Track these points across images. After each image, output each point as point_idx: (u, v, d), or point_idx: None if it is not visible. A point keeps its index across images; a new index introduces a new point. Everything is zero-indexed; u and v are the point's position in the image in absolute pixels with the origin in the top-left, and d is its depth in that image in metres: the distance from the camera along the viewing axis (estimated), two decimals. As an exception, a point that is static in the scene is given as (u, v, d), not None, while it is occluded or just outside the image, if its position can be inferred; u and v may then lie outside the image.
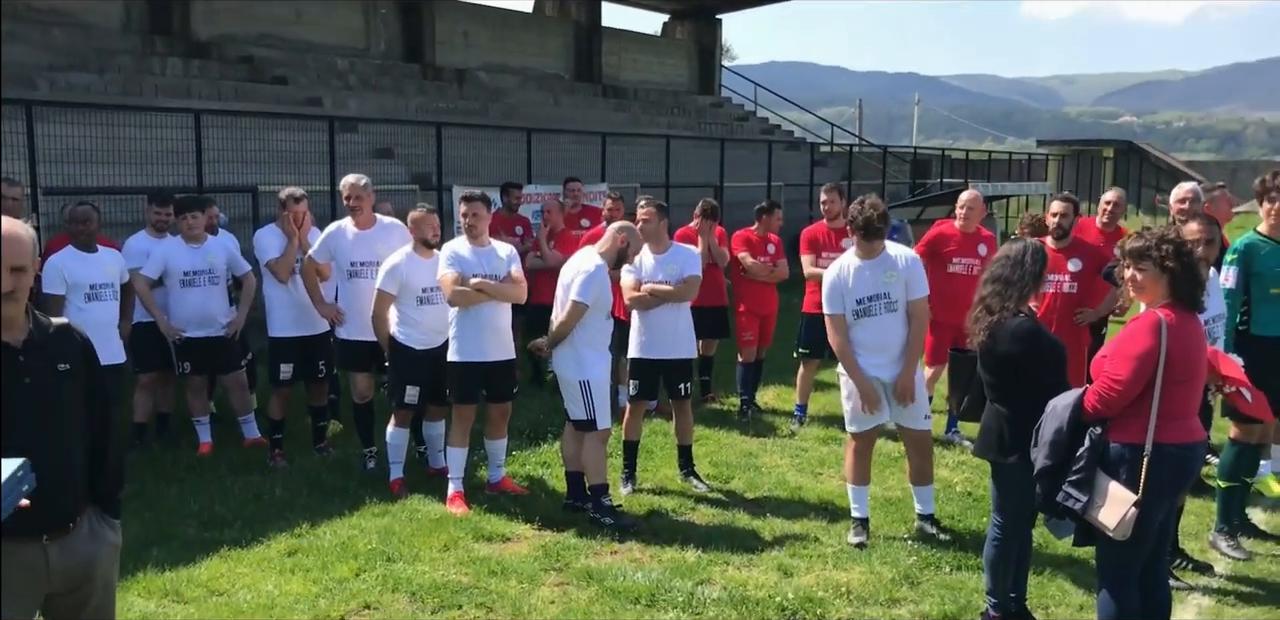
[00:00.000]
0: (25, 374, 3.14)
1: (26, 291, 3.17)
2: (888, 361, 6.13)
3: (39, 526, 3.14)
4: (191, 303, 7.66)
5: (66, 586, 3.25)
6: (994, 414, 4.89)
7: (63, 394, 3.23)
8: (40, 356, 3.19)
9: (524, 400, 8.71)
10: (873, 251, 6.13)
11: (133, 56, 16.75)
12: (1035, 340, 4.76)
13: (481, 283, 6.58)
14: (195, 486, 6.99)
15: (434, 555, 5.91)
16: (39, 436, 3.12)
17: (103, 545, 3.34)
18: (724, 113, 29.84)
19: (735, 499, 7.01)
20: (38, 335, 3.21)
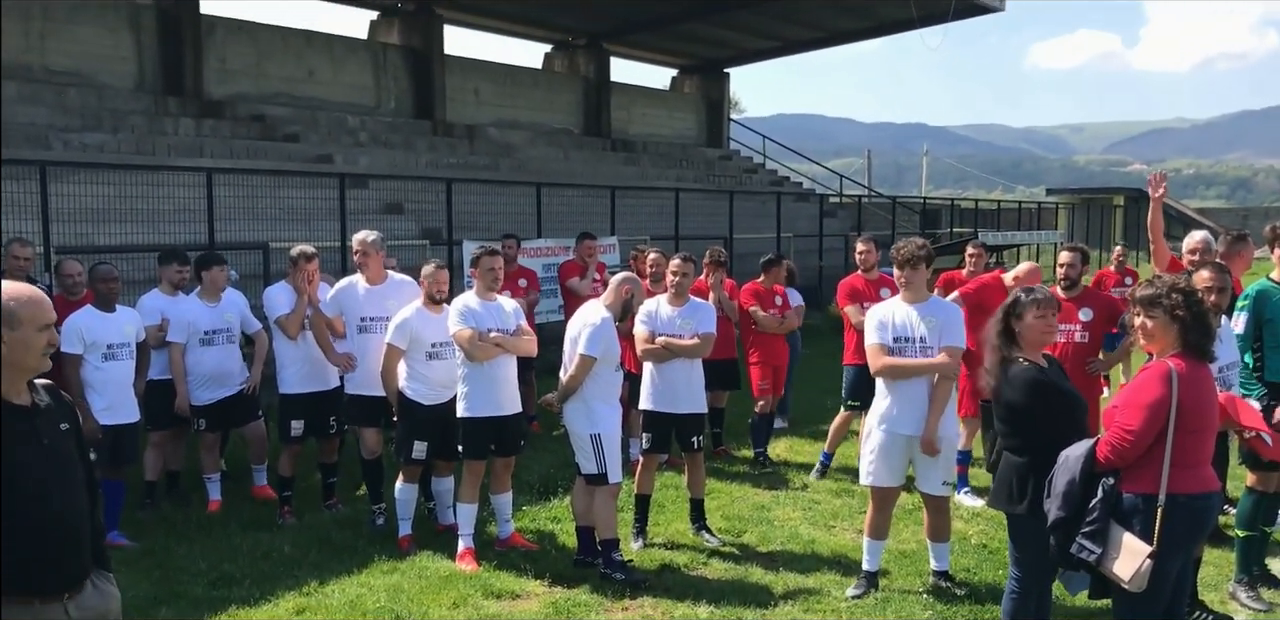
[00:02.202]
0: (43, 436, 3.19)
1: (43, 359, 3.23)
2: (913, 415, 6.00)
3: (61, 586, 3.21)
4: (210, 361, 7.70)
5: None
6: (1006, 463, 4.85)
7: (70, 453, 3.28)
8: (48, 418, 3.24)
9: (534, 454, 8.69)
10: (918, 293, 6.10)
11: (146, 116, 17.00)
12: (1036, 388, 4.73)
13: (500, 338, 6.59)
14: (204, 545, 6.95)
15: (443, 613, 5.84)
16: (62, 497, 3.19)
17: (108, 596, 3.39)
18: (733, 165, 30.07)
19: (748, 553, 6.93)
20: (40, 396, 3.26)
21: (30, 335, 3.15)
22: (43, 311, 3.17)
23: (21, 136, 13.90)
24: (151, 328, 7.64)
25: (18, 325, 3.14)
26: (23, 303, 3.16)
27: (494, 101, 24.94)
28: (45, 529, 3.14)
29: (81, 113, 15.87)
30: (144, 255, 9.89)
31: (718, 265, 9.11)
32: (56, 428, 3.26)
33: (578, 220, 15.51)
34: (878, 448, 6.06)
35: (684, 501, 7.50)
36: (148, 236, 10.55)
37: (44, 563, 3.15)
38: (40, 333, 3.17)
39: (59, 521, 3.16)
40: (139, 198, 10.78)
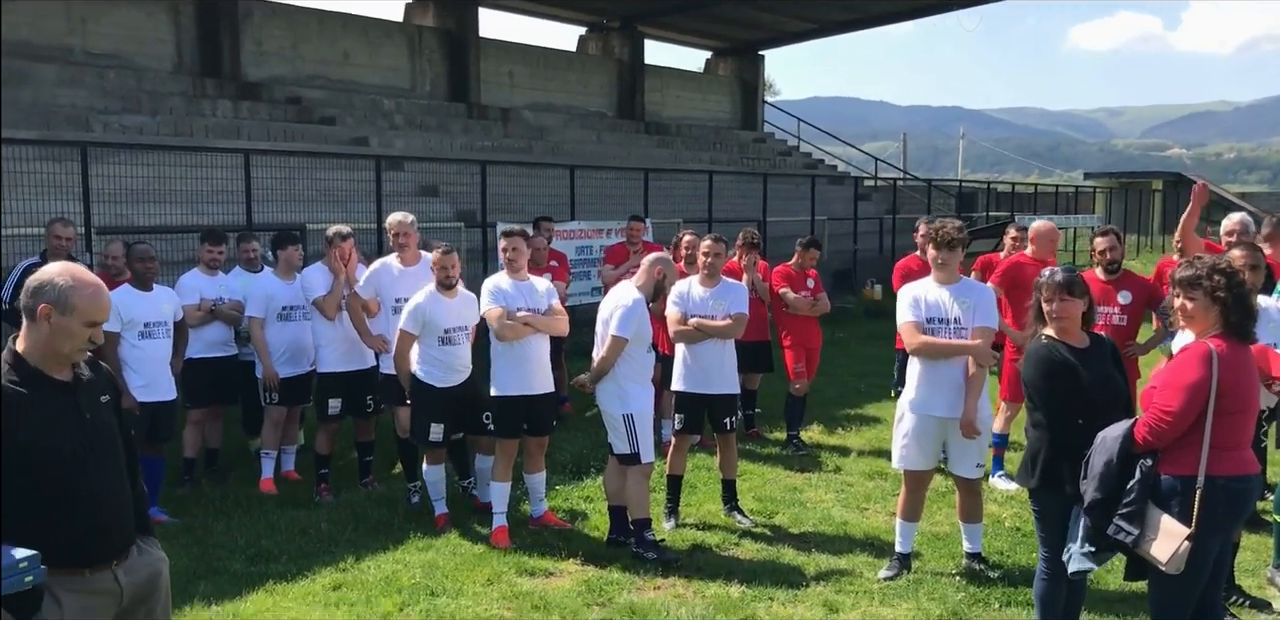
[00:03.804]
0: (85, 410, 3.26)
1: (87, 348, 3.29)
2: (946, 397, 5.97)
3: (109, 554, 3.29)
4: (287, 337, 7.80)
5: (133, 602, 3.39)
6: (1028, 438, 4.86)
7: (112, 425, 3.36)
8: (90, 391, 3.30)
9: (567, 434, 8.73)
10: (951, 275, 6.06)
11: (184, 98, 17.14)
12: (1044, 365, 4.71)
13: (529, 316, 6.62)
14: (243, 521, 7.04)
15: (477, 590, 5.90)
16: (105, 468, 3.27)
17: (155, 560, 3.49)
18: (767, 148, 29.95)
19: (780, 534, 6.94)
20: (81, 370, 3.32)
21: (76, 326, 3.20)
22: (97, 308, 3.22)
23: (63, 118, 14.07)
24: (189, 307, 7.73)
25: (69, 312, 3.18)
26: (81, 293, 3.20)
27: (528, 84, 24.95)
28: (88, 500, 3.22)
29: (121, 95, 16.03)
30: (183, 236, 10.01)
31: (750, 247, 9.10)
32: (97, 400, 3.32)
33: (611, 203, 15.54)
34: (910, 431, 6.04)
35: (716, 482, 7.51)
36: (186, 217, 10.67)
37: (90, 533, 3.23)
38: (86, 327, 3.22)
39: (102, 492, 3.23)
40: (177, 179, 10.92)
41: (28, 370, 3.19)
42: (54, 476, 3.16)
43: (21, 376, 3.17)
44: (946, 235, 5.98)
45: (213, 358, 7.93)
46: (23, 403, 3.13)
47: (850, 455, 8.94)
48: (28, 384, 3.17)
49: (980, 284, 6.36)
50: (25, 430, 3.11)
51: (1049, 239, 8.17)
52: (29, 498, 3.13)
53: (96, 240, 9.37)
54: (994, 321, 6.05)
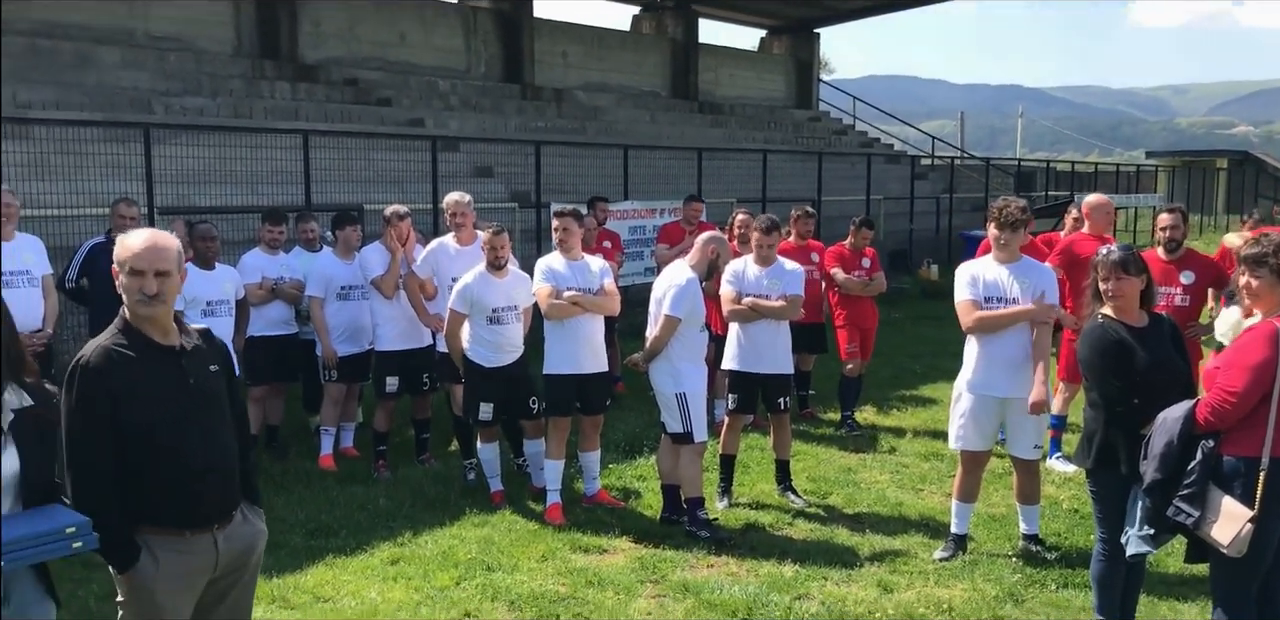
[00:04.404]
0: (190, 375, 3.39)
1: (174, 295, 3.40)
2: (1005, 377, 5.90)
3: (212, 518, 3.41)
4: (345, 316, 7.90)
5: (226, 570, 3.50)
6: (1086, 419, 4.81)
7: (218, 393, 3.48)
8: (197, 359, 3.43)
9: (620, 413, 8.77)
10: (1012, 254, 5.98)
11: (243, 80, 17.33)
12: (1097, 343, 4.66)
13: (576, 296, 6.65)
14: (303, 496, 7.16)
15: (532, 565, 5.96)
16: (207, 434, 3.40)
17: (256, 531, 3.62)
18: (822, 127, 29.69)
19: (833, 514, 6.94)
20: (191, 339, 3.44)
21: (124, 278, 3.33)
22: (134, 258, 3.31)
23: (125, 100, 14.30)
24: (251, 285, 7.86)
25: (121, 267, 3.33)
26: (121, 244, 3.35)
27: (582, 64, 24.93)
28: (192, 465, 3.35)
29: (182, 77, 16.25)
30: (243, 216, 10.15)
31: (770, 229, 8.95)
32: (205, 368, 3.44)
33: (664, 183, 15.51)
34: (967, 411, 5.99)
35: (769, 463, 7.52)
36: (246, 198, 10.81)
37: (190, 496, 3.36)
38: (129, 278, 3.32)
39: (203, 457, 3.36)
40: (237, 160, 11.05)
41: (134, 334, 3.34)
42: (155, 438, 3.30)
43: (129, 340, 3.32)
44: (1010, 215, 5.89)
45: (274, 336, 8.06)
46: (128, 364, 3.28)
47: (905, 436, 8.89)
48: (134, 348, 3.32)
49: (1040, 263, 6.27)
50: (129, 391, 3.26)
51: (1104, 211, 8.04)
52: (133, 458, 3.29)
53: (159, 220, 9.52)
54: (1055, 297, 5.98)
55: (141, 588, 3.34)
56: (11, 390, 3.04)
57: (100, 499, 3.25)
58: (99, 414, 3.24)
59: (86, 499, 3.23)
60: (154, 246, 3.33)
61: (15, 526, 2.93)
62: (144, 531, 3.34)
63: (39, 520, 2.99)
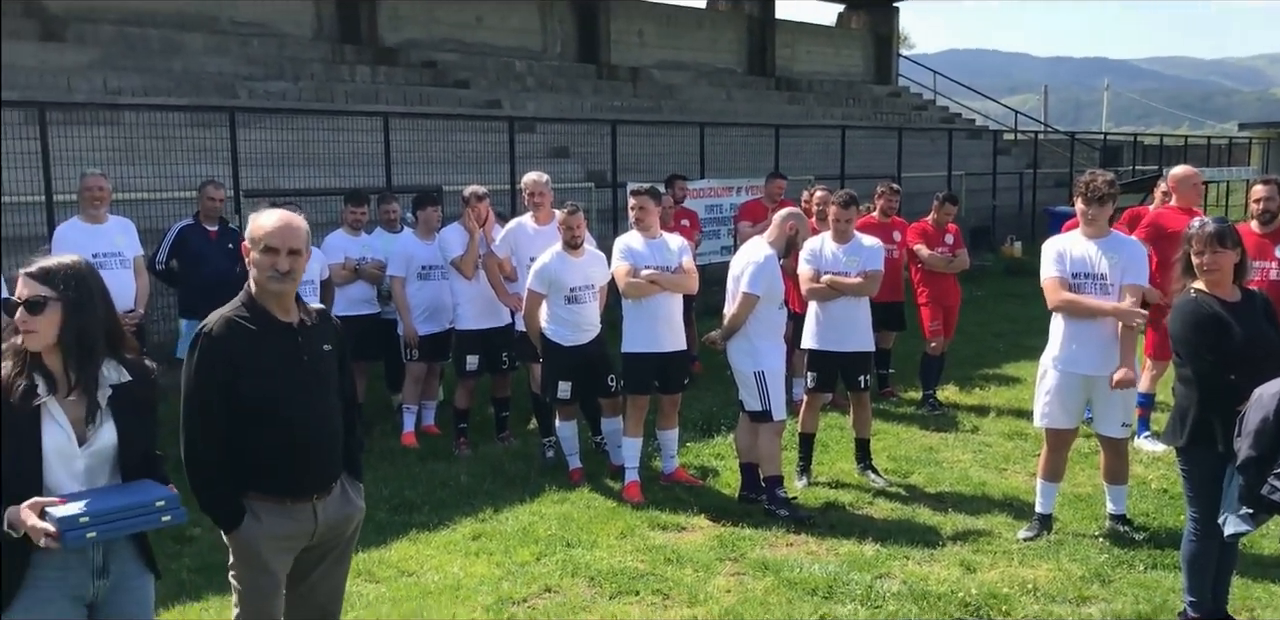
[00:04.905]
0: (304, 352, 3.51)
1: (302, 273, 3.54)
2: (1092, 354, 5.75)
3: (313, 489, 3.55)
4: (426, 295, 8.00)
5: (322, 540, 3.63)
6: (1175, 394, 4.69)
7: (330, 371, 3.61)
8: (313, 336, 3.56)
9: (697, 392, 8.76)
10: (1100, 229, 5.83)
11: (324, 64, 17.57)
12: (1190, 318, 4.54)
13: (654, 274, 6.64)
14: (386, 472, 7.28)
15: (611, 542, 6.00)
16: (315, 408, 3.53)
17: (354, 506, 3.74)
18: (901, 102, 29.25)
19: (915, 494, 6.87)
20: (309, 318, 3.57)
21: (256, 255, 3.46)
22: (269, 236, 3.44)
23: (211, 86, 14.60)
24: (335, 266, 7.99)
25: (254, 245, 3.46)
26: (254, 224, 3.49)
27: (658, 43, 24.83)
28: (300, 437, 3.49)
29: (265, 62, 16.52)
30: (324, 198, 10.31)
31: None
32: (319, 347, 3.58)
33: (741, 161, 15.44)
34: (1053, 388, 5.87)
35: (848, 442, 7.46)
36: (328, 180, 10.97)
37: (294, 466, 3.50)
38: (263, 255, 3.44)
39: (310, 429, 3.50)
40: (319, 142, 11.21)
41: (256, 309, 3.48)
42: (267, 409, 3.44)
43: (251, 314, 3.46)
44: (1096, 189, 5.74)
45: (356, 315, 8.18)
46: (248, 336, 3.42)
47: (988, 415, 8.77)
48: (256, 322, 3.46)
49: (1130, 238, 6.11)
50: (246, 362, 3.41)
51: (1191, 184, 7.81)
52: (244, 427, 3.43)
53: (245, 203, 9.72)
54: (1144, 278, 5.82)
55: (246, 546, 3.51)
56: (110, 366, 3.13)
57: (211, 462, 3.42)
58: (218, 381, 3.40)
59: (198, 461, 3.41)
60: (287, 226, 3.46)
61: (107, 499, 3.03)
62: (249, 497, 3.50)
63: (130, 493, 3.08)
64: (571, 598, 5.28)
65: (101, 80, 13.46)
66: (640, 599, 5.26)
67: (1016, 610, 5.05)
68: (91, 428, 3.07)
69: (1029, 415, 6.35)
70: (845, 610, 5.07)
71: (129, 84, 13.55)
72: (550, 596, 5.32)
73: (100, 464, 3.09)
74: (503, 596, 5.27)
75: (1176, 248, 4.81)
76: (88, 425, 3.07)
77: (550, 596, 5.32)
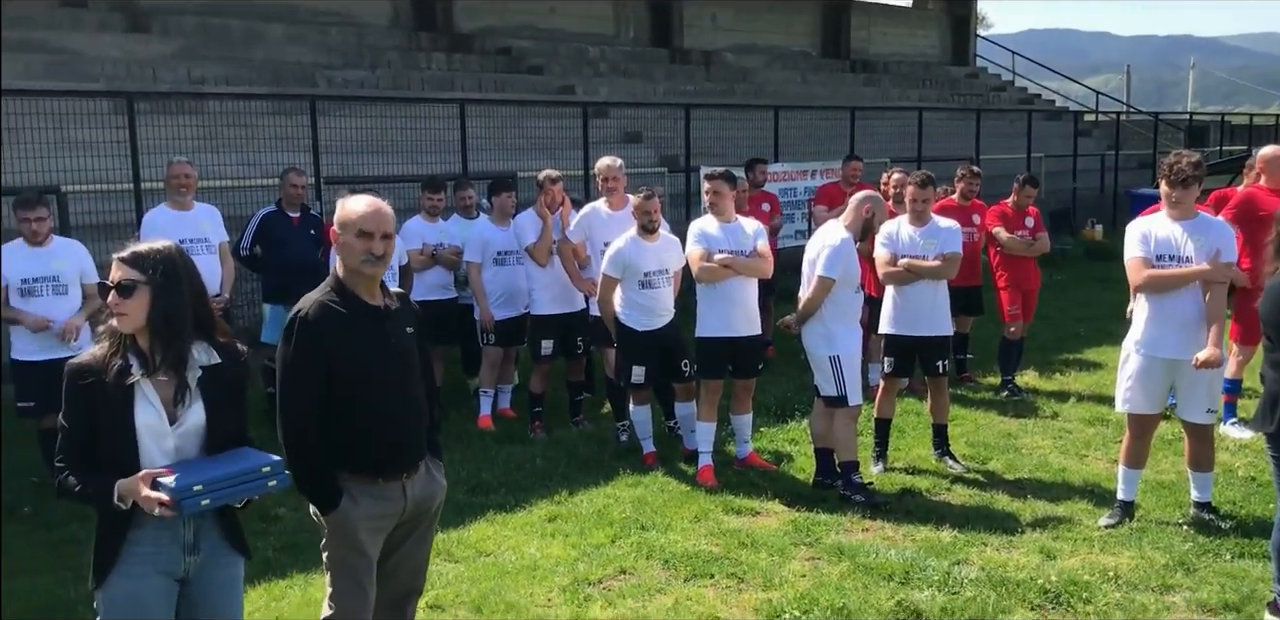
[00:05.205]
0: (391, 335, 3.61)
1: (391, 258, 3.64)
2: (1176, 337, 5.62)
3: (403, 467, 3.65)
4: (502, 281, 8.07)
5: (410, 516, 3.74)
6: (1268, 380, 4.57)
7: (414, 352, 3.70)
8: (397, 319, 3.66)
9: (771, 377, 8.74)
10: (1185, 211, 5.70)
11: (400, 52, 17.76)
12: None
13: (727, 258, 6.63)
14: (463, 455, 7.37)
15: (685, 525, 6.03)
16: (403, 389, 3.62)
17: (437, 484, 3.84)
18: (979, 83, 28.75)
19: (993, 480, 6.79)
20: (391, 302, 3.66)
21: (350, 238, 3.53)
22: (362, 220, 3.52)
23: (290, 75, 14.84)
24: (413, 252, 8.10)
25: (344, 228, 3.55)
26: (349, 208, 3.57)
27: (731, 26, 24.67)
28: (389, 417, 3.58)
29: (343, 51, 16.75)
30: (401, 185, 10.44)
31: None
32: (403, 329, 3.67)
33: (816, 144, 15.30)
34: (1136, 372, 5.76)
35: (925, 427, 7.40)
36: (405, 167, 11.10)
37: (386, 446, 3.60)
38: (357, 239, 3.52)
39: (399, 410, 3.60)
40: (397, 130, 11.35)
41: (346, 293, 3.57)
42: (358, 391, 3.54)
43: (341, 298, 3.55)
44: (1180, 171, 5.59)
45: (433, 301, 8.27)
46: (340, 319, 3.52)
47: (1069, 401, 8.63)
48: (346, 306, 3.55)
49: (1218, 220, 5.95)
50: (339, 345, 3.50)
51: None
52: (336, 408, 3.53)
53: (325, 190, 9.89)
54: (1233, 255, 5.68)
55: (342, 526, 3.60)
56: (200, 348, 3.22)
57: (310, 443, 3.52)
58: (313, 363, 3.50)
59: (297, 442, 3.50)
60: (379, 211, 3.56)
61: (215, 467, 3.13)
62: (343, 478, 3.59)
63: (234, 461, 3.19)
64: (646, 580, 5.31)
65: (185, 70, 13.76)
66: (715, 582, 5.28)
67: (1098, 598, 4.98)
68: (181, 407, 3.16)
69: (1110, 401, 6.24)
70: (922, 596, 5.04)
71: (212, 73, 13.83)
72: (625, 578, 5.36)
73: (189, 443, 3.18)
74: (578, 577, 5.33)
75: (1266, 230, 4.69)
76: (177, 405, 3.16)
77: (625, 578, 5.36)
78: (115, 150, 9.02)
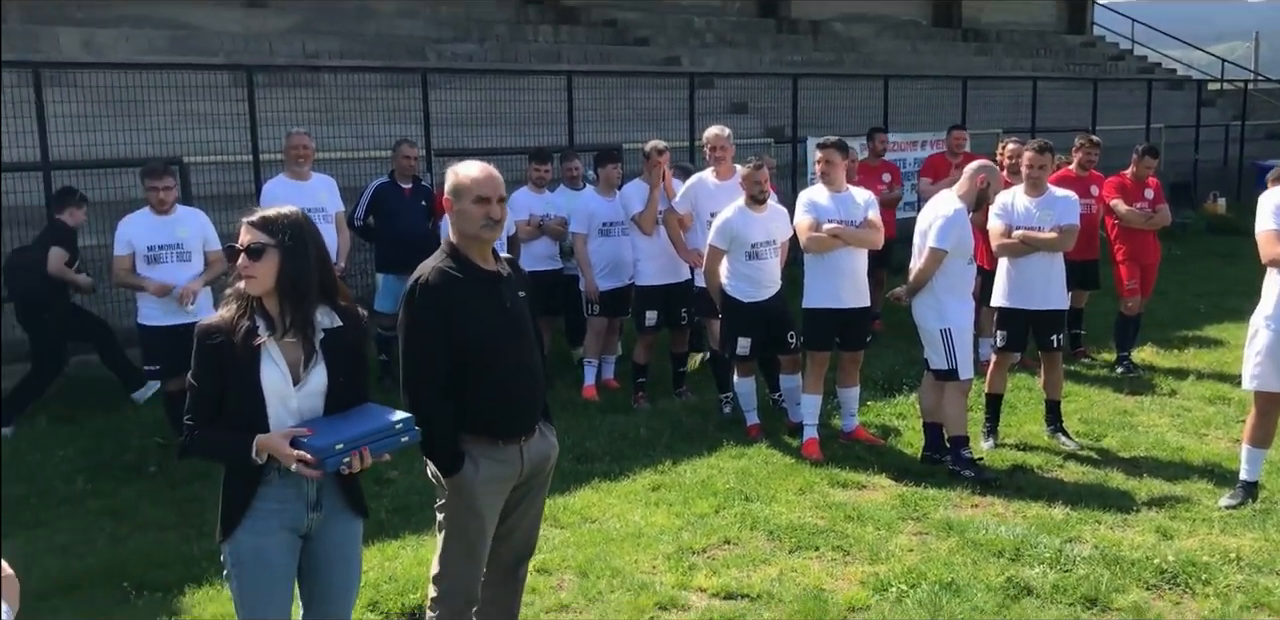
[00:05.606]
0: (505, 299, 3.67)
1: (506, 222, 3.72)
2: None
3: (520, 430, 3.72)
4: (607, 251, 8.12)
5: (526, 478, 3.80)
6: None
7: (527, 317, 3.77)
8: (510, 284, 3.72)
9: (879, 350, 8.63)
10: None
11: (508, 25, 17.83)
12: None
13: (837, 228, 6.55)
14: (568, 423, 7.40)
15: (790, 498, 6.01)
16: (519, 352, 3.69)
17: (550, 446, 3.91)
18: (1096, 52, 27.80)
19: (1107, 458, 6.63)
20: (503, 267, 3.72)
21: (468, 206, 3.59)
22: (478, 186, 3.58)
23: (402, 48, 15.03)
24: (520, 222, 8.17)
25: (461, 197, 3.59)
26: (464, 175, 3.61)
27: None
28: (507, 380, 3.65)
29: (453, 24, 16.89)
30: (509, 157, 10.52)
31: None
32: (516, 294, 3.73)
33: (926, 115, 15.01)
34: (1265, 348, 5.55)
35: (1037, 403, 7.25)
36: (513, 139, 11.18)
37: (507, 409, 3.68)
38: (475, 205, 3.57)
39: (518, 373, 3.67)
40: (504, 102, 11.43)
41: (461, 259, 3.63)
42: (477, 355, 3.61)
43: (457, 264, 3.62)
44: None
45: (539, 271, 8.32)
46: (458, 284, 3.58)
47: (1188, 378, 8.36)
48: (462, 271, 3.61)
49: None
50: (458, 309, 3.57)
51: None
52: (457, 372, 3.60)
53: (436, 162, 10.02)
54: None
55: (463, 489, 3.67)
56: (323, 312, 3.30)
57: (435, 407, 3.58)
58: (435, 328, 3.56)
59: (422, 407, 3.55)
60: (492, 175, 3.62)
61: (351, 425, 3.22)
62: (464, 440, 3.66)
63: (368, 418, 3.27)
64: (751, 550, 5.32)
65: (301, 44, 14.02)
66: (820, 554, 5.27)
67: (1218, 579, 4.84)
68: (305, 369, 3.25)
69: (1232, 379, 6.05)
70: (1033, 573, 4.96)
71: (326, 48, 14.07)
72: (730, 548, 5.37)
73: (312, 403, 3.27)
74: (683, 546, 5.36)
75: None
76: (302, 366, 3.25)
77: (730, 548, 5.37)
78: (235, 122, 9.26)
